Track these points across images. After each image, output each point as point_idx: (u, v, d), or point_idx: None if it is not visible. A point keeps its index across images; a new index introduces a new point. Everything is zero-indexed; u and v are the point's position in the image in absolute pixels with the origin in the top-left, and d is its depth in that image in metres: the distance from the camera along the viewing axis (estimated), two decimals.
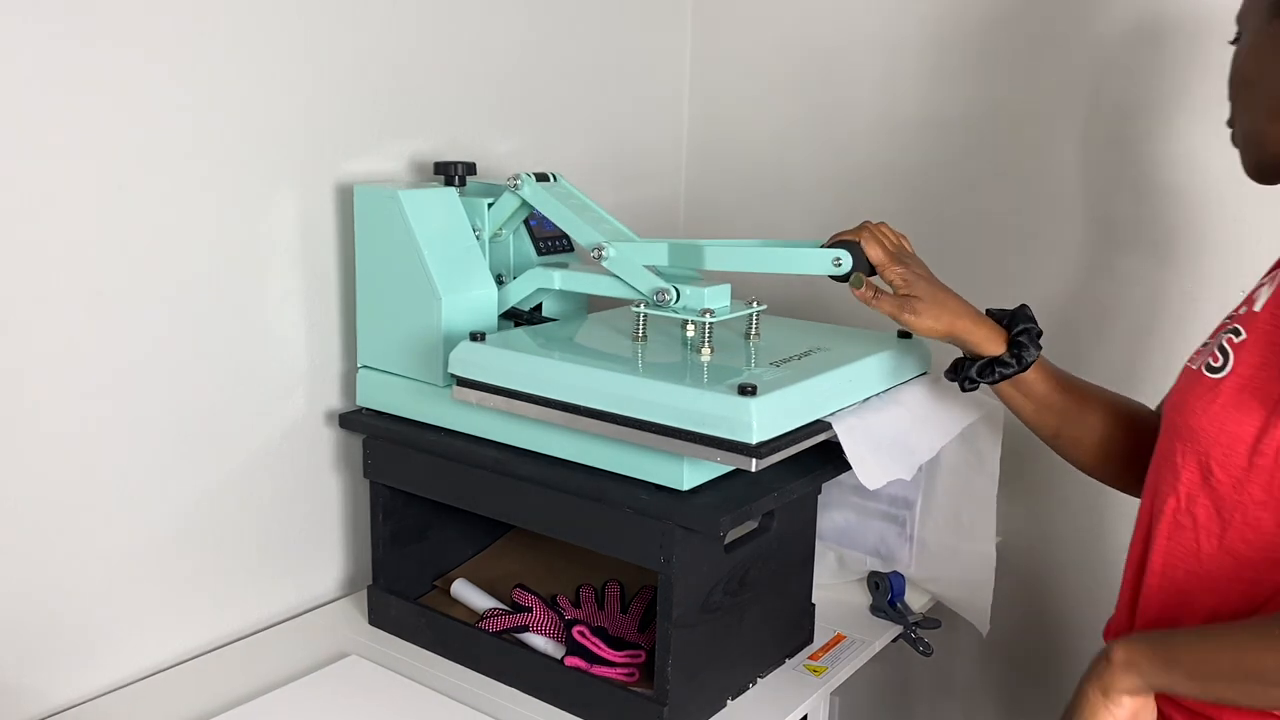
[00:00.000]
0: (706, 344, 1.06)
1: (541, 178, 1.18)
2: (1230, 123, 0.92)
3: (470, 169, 1.23)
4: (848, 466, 1.03)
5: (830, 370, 1.05)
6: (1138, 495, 1.08)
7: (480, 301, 1.16)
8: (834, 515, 1.31)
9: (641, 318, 1.11)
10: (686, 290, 1.07)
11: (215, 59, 1.10)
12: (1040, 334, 1.07)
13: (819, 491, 1.20)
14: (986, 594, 1.26)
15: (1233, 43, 0.92)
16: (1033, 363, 1.06)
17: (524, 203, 1.18)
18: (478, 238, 1.20)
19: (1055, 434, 1.11)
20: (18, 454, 1.01)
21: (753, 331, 1.15)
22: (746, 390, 0.93)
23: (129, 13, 1.02)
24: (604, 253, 1.11)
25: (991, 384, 1.08)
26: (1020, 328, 1.06)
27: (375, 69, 1.27)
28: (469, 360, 1.07)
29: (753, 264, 1.10)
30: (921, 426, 1.11)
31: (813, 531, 1.22)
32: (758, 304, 1.13)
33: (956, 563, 1.27)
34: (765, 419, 0.93)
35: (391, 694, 1.09)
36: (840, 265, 1.05)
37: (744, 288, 1.17)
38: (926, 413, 1.13)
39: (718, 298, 1.08)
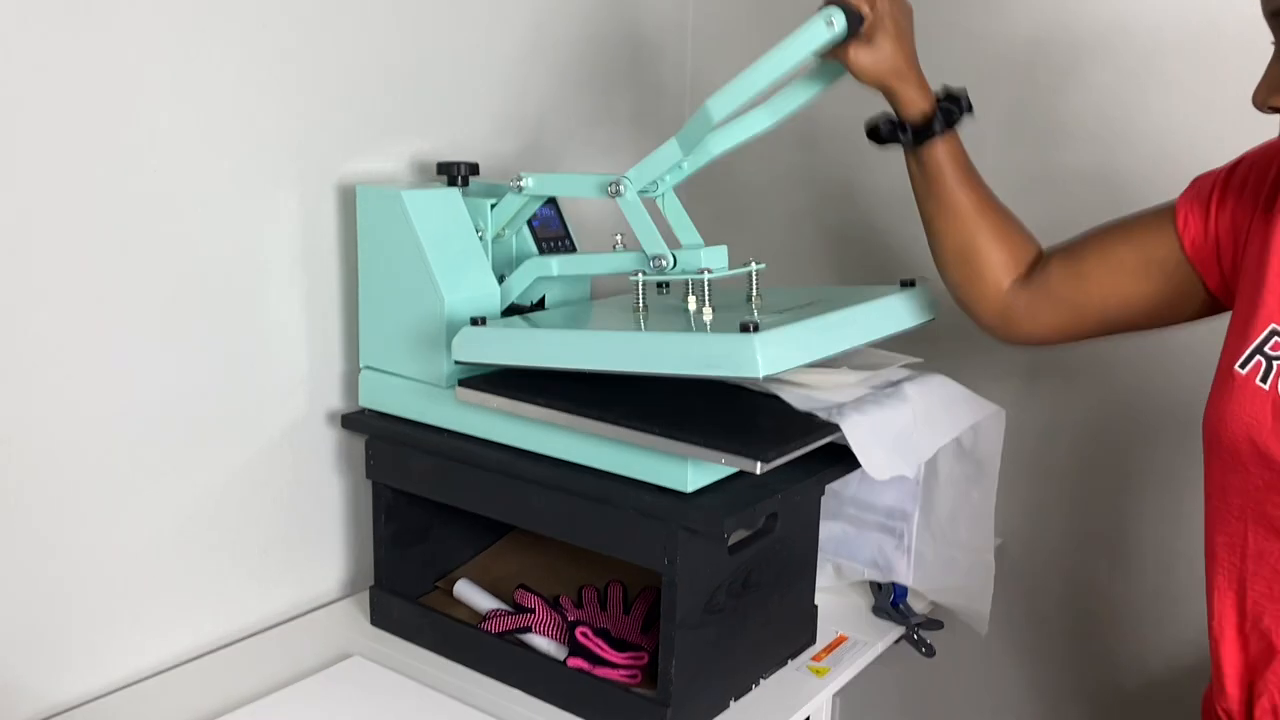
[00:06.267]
0: (707, 304, 1.05)
1: None
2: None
3: (473, 169, 1.23)
4: (852, 468, 1.03)
5: (833, 312, 1.04)
6: (962, 303, 1.13)
7: (483, 302, 1.16)
8: (831, 526, 1.30)
9: (640, 285, 1.10)
10: (683, 254, 1.07)
11: (216, 59, 1.10)
12: (957, 119, 1.07)
13: (822, 493, 1.20)
14: (985, 601, 1.26)
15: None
16: (924, 141, 1.07)
17: (526, 203, 1.18)
18: (480, 238, 1.19)
19: (928, 220, 1.13)
20: (18, 455, 1.01)
21: (753, 293, 1.14)
22: (749, 328, 0.93)
23: (128, 12, 1.02)
24: (621, 188, 1.09)
25: (887, 144, 1.09)
26: (945, 104, 1.07)
27: (377, 69, 1.26)
28: (471, 344, 1.07)
29: (764, 118, 1.09)
30: (925, 424, 1.11)
31: (816, 533, 1.22)
32: (756, 263, 1.12)
33: (955, 572, 1.26)
34: (770, 353, 0.92)
35: (394, 695, 1.09)
36: (834, 26, 1.01)
37: (742, 249, 1.15)
38: (930, 411, 1.13)
39: (715, 258, 1.08)
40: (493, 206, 1.20)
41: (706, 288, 1.05)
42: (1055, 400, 1.49)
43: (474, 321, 1.08)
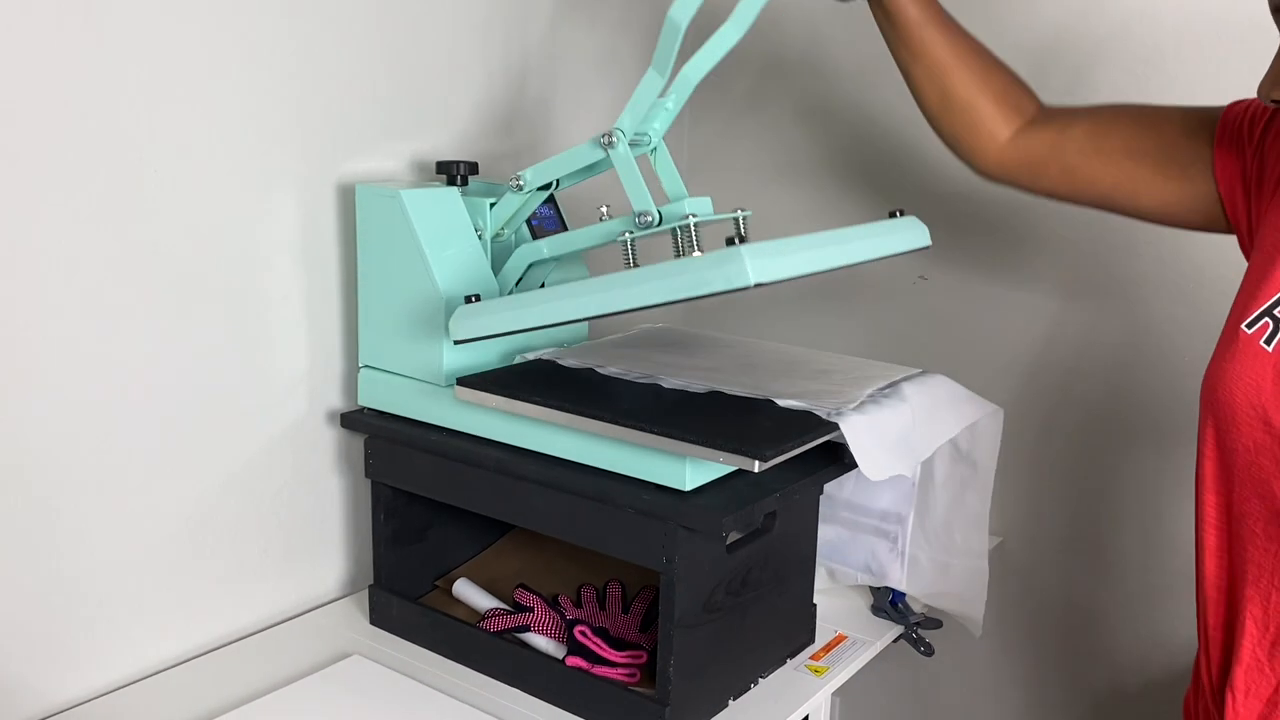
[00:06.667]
0: (696, 248, 1.02)
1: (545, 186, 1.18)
2: None
3: (472, 168, 1.23)
4: (851, 467, 1.03)
5: (823, 232, 1.02)
6: (959, 155, 1.12)
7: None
8: (824, 530, 1.29)
9: (629, 245, 1.07)
10: (668, 208, 1.06)
11: (215, 59, 1.10)
12: None
13: (821, 492, 1.20)
14: (979, 608, 1.25)
15: None
16: None
17: (526, 201, 1.18)
18: (480, 237, 1.19)
19: (905, 72, 1.12)
20: (18, 455, 1.01)
21: (742, 237, 1.10)
22: (733, 241, 0.92)
23: (128, 12, 1.02)
24: (614, 139, 1.08)
25: None
26: None
27: (377, 68, 1.26)
28: (467, 320, 1.06)
29: (732, 32, 1.07)
30: (924, 424, 1.11)
31: (814, 532, 1.22)
32: (742, 211, 1.10)
33: (948, 577, 1.26)
34: (759, 262, 0.90)
35: (393, 694, 1.09)
36: None
37: (729, 199, 1.14)
38: (930, 410, 1.13)
39: (700, 206, 1.07)
40: (492, 206, 1.20)
41: (694, 232, 1.02)
42: (1054, 398, 1.49)
43: (468, 300, 1.07)
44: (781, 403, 1.05)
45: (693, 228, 1.02)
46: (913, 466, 1.08)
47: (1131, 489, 1.45)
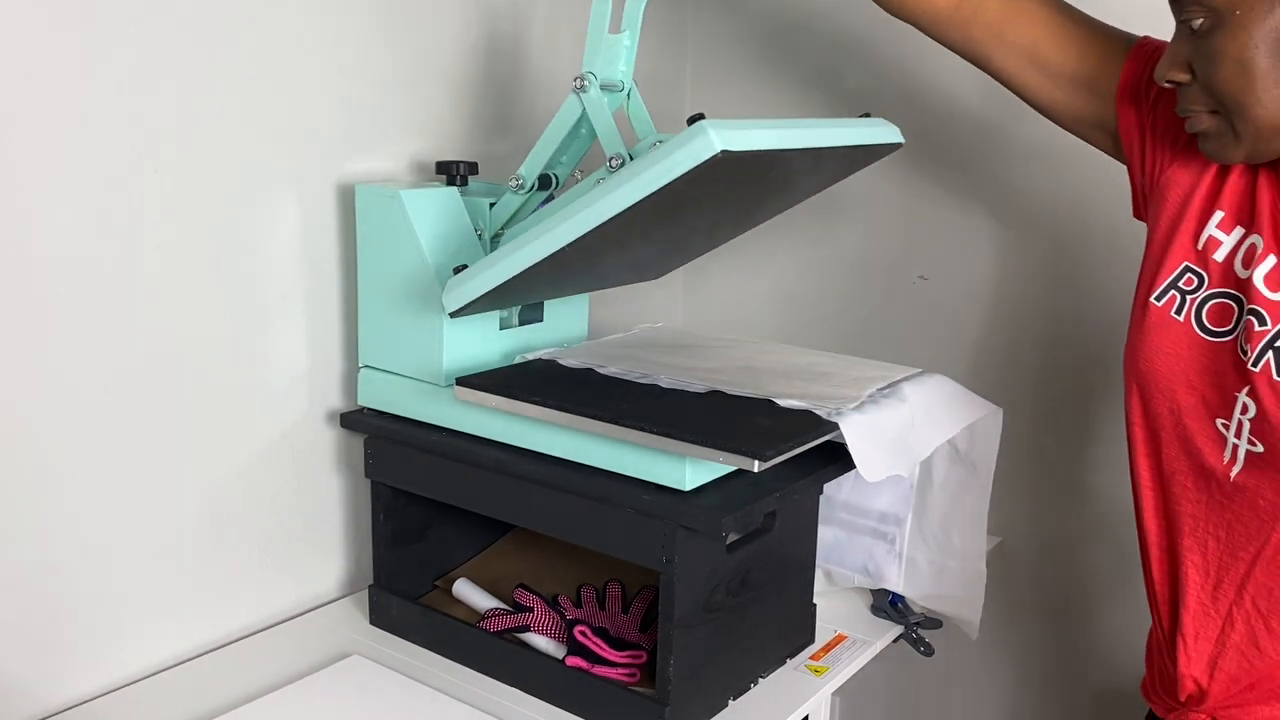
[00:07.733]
0: None
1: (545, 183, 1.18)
2: (1211, 111, 0.87)
3: (472, 168, 1.23)
4: (850, 467, 1.03)
5: (791, 119, 1.01)
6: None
7: None
8: (822, 532, 1.28)
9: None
10: (637, 149, 1.07)
11: (215, 59, 1.10)
12: None
13: (821, 492, 1.20)
14: (976, 611, 1.25)
15: (1196, 29, 0.85)
16: None
17: (525, 201, 1.18)
18: (480, 238, 1.19)
19: None
20: (17, 455, 1.01)
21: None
22: (695, 119, 0.91)
23: (129, 12, 1.02)
24: (585, 83, 1.09)
25: None
26: None
27: (377, 68, 1.26)
28: (459, 288, 1.05)
29: None
30: (923, 425, 1.11)
31: (814, 532, 1.22)
32: None
33: (946, 580, 1.26)
34: (724, 133, 0.90)
35: (393, 694, 1.09)
36: None
37: None
38: (929, 410, 1.13)
39: (667, 137, 1.07)
40: (491, 206, 1.20)
41: None
42: (1054, 398, 1.49)
43: (456, 270, 1.07)
44: (781, 403, 1.05)
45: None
46: (910, 467, 1.08)
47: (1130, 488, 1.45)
